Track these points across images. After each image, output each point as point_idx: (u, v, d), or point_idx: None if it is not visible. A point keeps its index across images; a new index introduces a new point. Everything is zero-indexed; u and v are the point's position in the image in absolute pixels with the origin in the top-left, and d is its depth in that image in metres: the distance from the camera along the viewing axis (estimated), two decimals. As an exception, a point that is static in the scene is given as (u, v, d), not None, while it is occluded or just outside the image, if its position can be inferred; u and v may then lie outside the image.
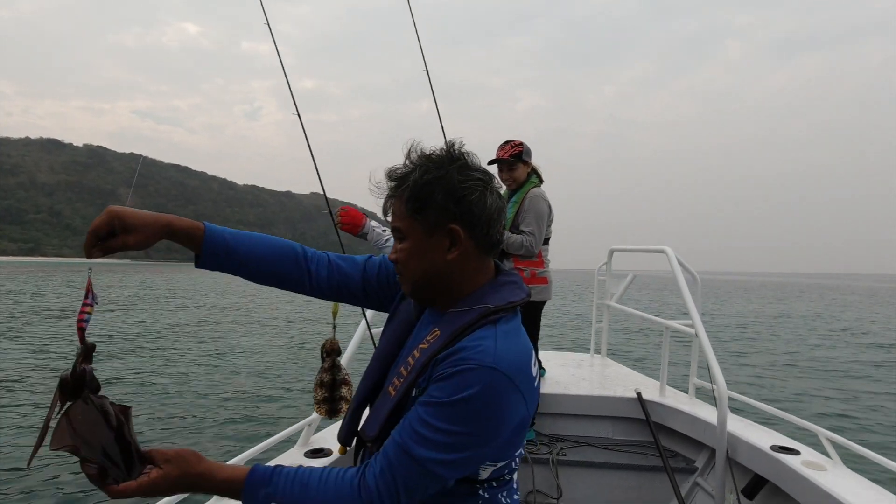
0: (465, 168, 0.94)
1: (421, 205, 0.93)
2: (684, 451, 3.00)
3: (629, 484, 3.02)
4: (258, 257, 1.06)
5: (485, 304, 0.93)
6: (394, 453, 0.87)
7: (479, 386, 0.84)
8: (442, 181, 0.92)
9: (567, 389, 3.27)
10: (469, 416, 0.85)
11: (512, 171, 2.91)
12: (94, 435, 0.80)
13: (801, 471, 2.15)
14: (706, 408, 2.98)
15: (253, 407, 7.78)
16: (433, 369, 0.90)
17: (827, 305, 34.75)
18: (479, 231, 0.94)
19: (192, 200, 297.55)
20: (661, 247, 3.25)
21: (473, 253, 0.95)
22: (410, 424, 0.88)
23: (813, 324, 21.07)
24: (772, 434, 2.57)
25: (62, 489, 4.68)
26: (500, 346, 0.88)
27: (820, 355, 13.62)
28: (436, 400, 0.86)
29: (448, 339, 0.91)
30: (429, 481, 0.88)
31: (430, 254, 0.95)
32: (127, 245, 0.92)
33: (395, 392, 0.95)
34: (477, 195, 0.93)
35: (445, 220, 0.93)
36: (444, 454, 0.86)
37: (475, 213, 0.93)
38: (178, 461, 0.85)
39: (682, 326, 3.04)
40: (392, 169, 0.97)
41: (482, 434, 0.86)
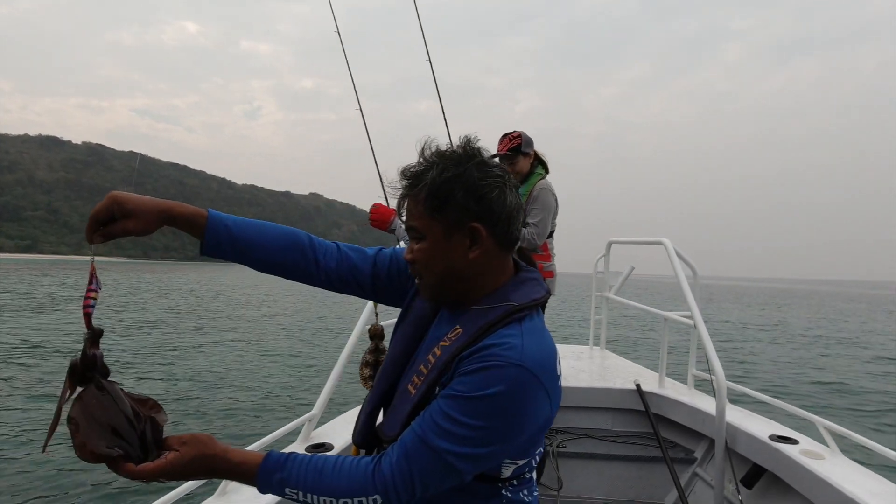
0: (484, 165, 0.93)
1: (440, 203, 0.91)
2: (683, 442, 3.01)
3: (629, 475, 3.03)
4: (262, 245, 1.04)
5: (509, 301, 0.92)
6: (412, 442, 0.87)
7: (506, 383, 0.83)
8: (461, 179, 0.90)
9: (566, 381, 3.28)
10: (493, 412, 0.84)
11: (513, 164, 2.87)
12: (109, 419, 0.79)
13: (800, 460, 2.16)
14: (705, 398, 3.00)
15: (253, 402, 7.78)
16: (457, 366, 0.88)
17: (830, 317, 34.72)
18: (500, 229, 0.93)
19: (191, 199, 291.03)
20: (660, 238, 3.27)
21: (495, 251, 0.94)
22: (431, 416, 0.87)
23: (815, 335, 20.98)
24: (770, 424, 2.58)
25: (68, 477, 4.69)
26: (527, 344, 0.87)
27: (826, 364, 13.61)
28: (459, 393, 0.85)
29: (472, 336, 0.89)
30: (445, 474, 0.87)
31: (451, 253, 0.93)
32: (127, 230, 0.91)
33: (416, 390, 0.94)
34: (497, 192, 0.92)
35: (466, 218, 0.91)
36: (463, 447, 0.84)
37: (496, 211, 0.92)
38: (194, 443, 0.85)
39: (680, 318, 3.05)
40: (406, 167, 0.95)
41: (504, 431, 0.85)
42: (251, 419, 6.96)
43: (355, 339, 2.45)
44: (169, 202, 0.97)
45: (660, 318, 3.28)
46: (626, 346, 11.71)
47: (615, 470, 3.07)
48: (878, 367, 13.06)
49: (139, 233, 0.93)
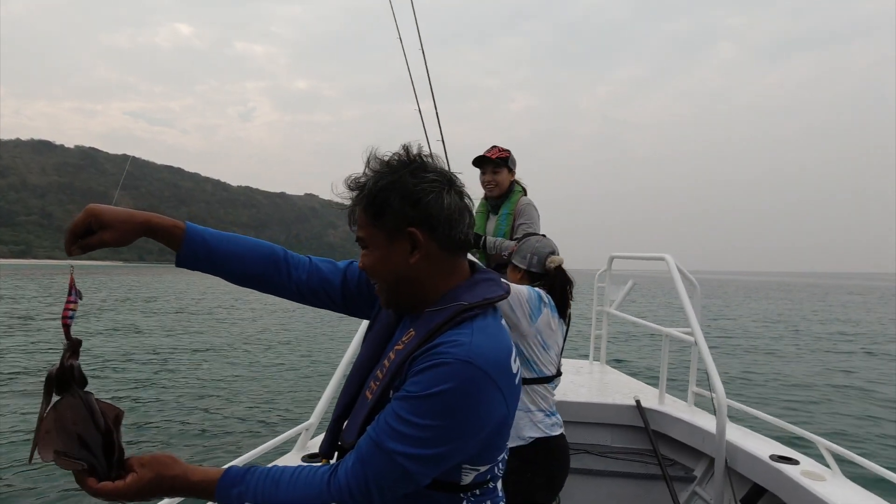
0: (420, 170, 0.93)
1: (378, 211, 0.93)
2: (683, 460, 2.99)
3: (627, 492, 3.02)
4: (238, 258, 1.06)
5: (459, 301, 0.92)
6: (366, 448, 0.87)
7: (454, 381, 0.83)
8: (396, 185, 0.92)
9: (566, 396, 3.26)
10: (443, 410, 0.83)
11: (496, 173, 2.86)
12: (80, 431, 0.80)
13: (801, 481, 2.14)
14: (705, 416, 2.98)
15: (249, 411, 7.74)
16: (409, 368, 0.89)
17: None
18: (440, 232, 0.93)
19: (186, 202, 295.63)
20: (661, 255, 3.25)
21: (438, 254, 0.94)
22: (385, 419, 0.87)
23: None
24: (771, 443, 2.57)
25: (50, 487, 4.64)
26: (477, 341, 0.86)
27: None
28: (410, 394, 0.85)
29: (423, 337, 0.90)
30: (400, 477, 0.86)
31: (394, 259, 0.94)
32: (104, 242, 0.93)
33: (372, 395, 0.95)
34: (433, 196, 0.92)
35: (403, 224, 0.92)
36: (416, 449, 0.84)
37: (433, 214, 0.92)
38: (153, 465, 0.85)
39: (681, 334, 3.04)
40: (352, 177, 0.97)
41: (457, 430, 0.85)
42: (247, 428, 6.92)
43: (354, 348, 2.43)
44: (147, 214, 0.99)
45: (660, 334, 3.27)
46: (627, 361, 11.66)
47: (613, 487, 3.05)
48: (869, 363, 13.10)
49: (116, 244, 0.95)
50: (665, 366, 3.25)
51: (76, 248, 0.92)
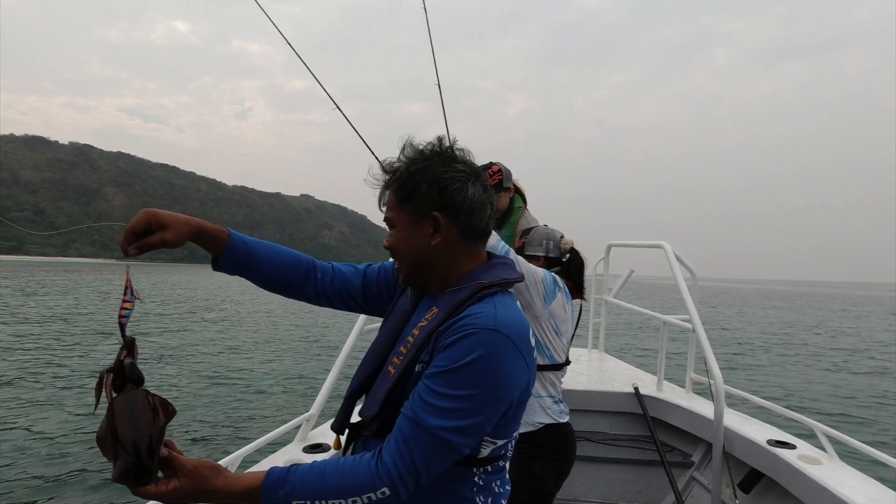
0: (450, 161, 1.00)
1: (408, 194, 0.99)
2: (681, 446, 3.01)
3: (627, 478, 3.03)
4: (271, 265, 1.13)
5: (479, 281, 0.98)
6: (408, 428, 0.88)
7: (484, 348, 0.87)
8: (426, 172, 0.99)
9: (565, 384, 3.25)
10: (477, 378, 0.87)
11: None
12: (131, 429, 0.80)
13: (797, 465, 2.17)
14: (703, 402, 3.00)
15: (251, 402, 7.71)
16: (436, 341, 0.93)
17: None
18: (461, 219, 1.00)
19: (180, 200, 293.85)
20: (659, 242, 3.27)
21: (457, 239, 1.01)
22: (420, 396, 0.89)
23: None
24: (768, 428, 2.59)
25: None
26: (500, 312, 0.92)
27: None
28: (442, 368, 0.88)
29: (447, 313, 0.95)
30: (445, 452, 0.89)
31: (417, 240, 1.00)
32: (165, 241, 0.97)
33: (395, 370, 0.98)
34: (459, 185, 0.98)
35: (429, 208, 0.99)
36: (456, 421, 0.87)
37: (457, 202, 0.99)
38: (195, 476, 0.85)
39: (679, 321, 3.05)
40: (387, 162, 1.04)
41: (492, 396, 0.88)
42: (248, 419, 6.90)
43: (354, 339, 2.44)
44: (197, 219, 1.04)
45: (658, 322, 3.28)
46: (625, 349, 11.68)
47: (613, 473, 3.07)
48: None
49: (173, 244, 0.98)
50: (663, 353, 3.26)
51: (133, 249, 0.94)
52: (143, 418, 0.81)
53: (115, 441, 0.79)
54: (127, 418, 0.80)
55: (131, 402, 0.82)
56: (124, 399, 0.82)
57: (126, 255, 0.93)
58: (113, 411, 0.81)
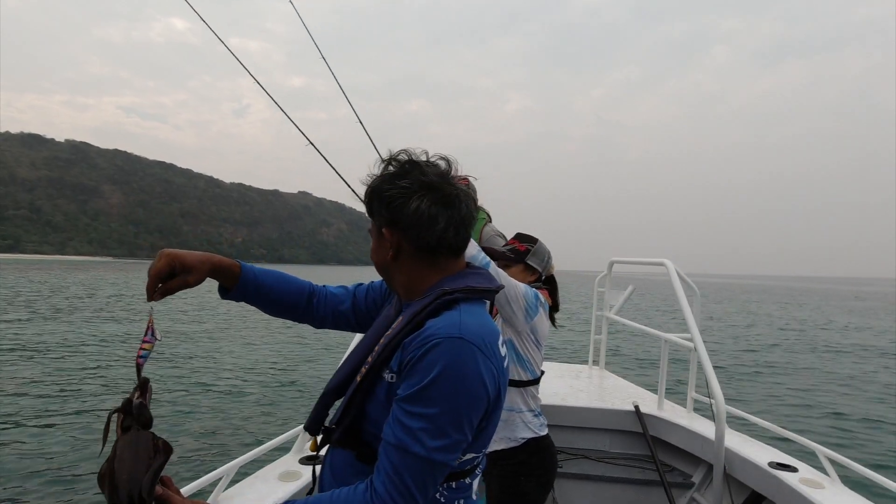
0: (395, 177, 1.00)
1: (369, 210, 1.05)
2: (681, 466, 2.99)
3: (626, 497, 3.02)
4: (276, 294, 1.18)
5: (441, 289, 0.99)
6: (395, 456, 0.88)
7: (449, 357, 0.88)
8: (375, 190, 1.02)
9: (564, 401, 3.25)
10: (449, 390, 0.87)
11: None
12: (127, 472, 0.81)
13: (799, 488, 2.15)
14: (704, 422, 2.98)
15: (247, 413, 7.68)
16: (402, 353, 0.93)
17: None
18: (411, 233, 0.99)
19: (177, 198, 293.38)
20: (661, 260, 3.24)
21: (414, 253, 1.01)
22: (400, 421, 0.89)
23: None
24: (770, 450, 2.57)
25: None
26: (465, 319, 0.92)
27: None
28: (415, 388, 0.88)
29: (408, 320, 0.96)
30: (436, 471, 0.90)
31: (381, 252, 1.04)
32: (187, 284, 1.02)
33: (360, 377, 0.99)
34: (401, 201, 0.99)
35: (380, 224, 1.03)
36: (439, 440, 0.87)
37: (402, 219, 0.99)
38: None
39: (680, 340, 3.03)
40: (367, 176, 1.07)
41: (465, 406, 0.89)
42: (244, 431, 6.87)
43: (351, 353, 2.41)
44: (212, 256, 1.08)
45: (659, 340, 3.26)
46: (626, 365, 11.62)
47: (611, 492, 3.05)
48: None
49: (195, 284, 1.03)
50: (664, 371, 3.24)
51: (158, 294, 0.98)
52: (143, 463, 0.81)
53: (111, 484, 0.80)
54: (127, 461, 0.81)
55: (134, 444, 0.83)
56: (128, 440, 0.83)
57: (150, 300, 0.96)
58: (115, 452, 0.82)
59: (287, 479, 2.02)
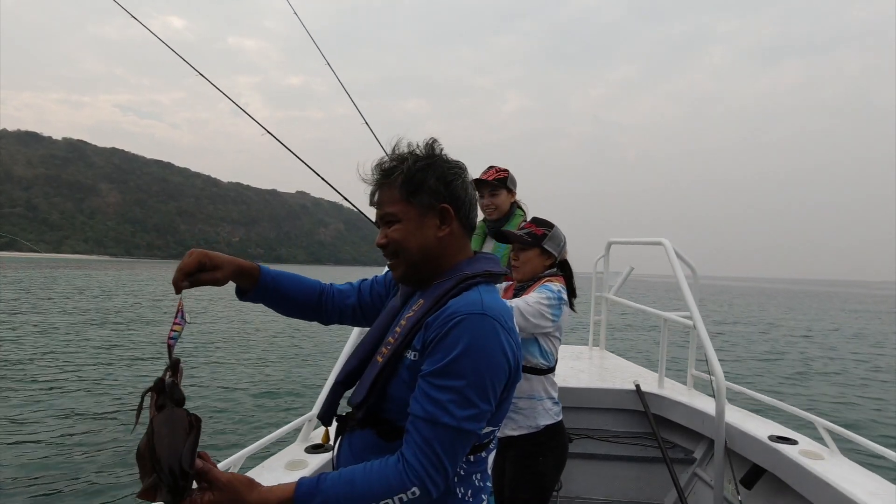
0: (447, 159, 1.08)
1: (416, 189, 1.04)
2: (683, 443, 3.02)
3: (629, 475, 3.04)
4: (291, 295, 1.22)
5: (464, 272, 1.04)
6: (425, 428, 0.91)
7: (473, 332, 0.92)
8: (433, 167, 1.05)
9: (566, 382, 3.27)
10: (474, 364, 0.92)
11: (494, 196, 2.62)
12: (167, 447, 0.82)
13: (799, 460, 2.17)
14: (704, 399, 3.01)
15: (252, 402, 7.69)
16: (425, 332, 0.97)
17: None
18: (463, 211, 1.08)
19: (175, 197, 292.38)
20: (659, 239, 3.27)
21: (459, 232, 1.08)
22: (428, 395, 0.92)
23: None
24: (770, 424, 2.60)
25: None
26: (486, 299, 0.98)
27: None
28: (440, 362, 0.92)
29: (432, 303, 1.00)
30: (465, 441, 0.94)
31: (425, 232, 1.05)
32: (216, 280, 1.06)
33: (383, 359, 1.02)
34: (461, 181, 1.07)
35: (437, 200, 1.05)
36: (467, 409, 0.91)
37: (460, 196, 1.07)
38: (229, 490, 0.87)
39: (680, 318, 3.06)
40: (381, 160, 1.08)
41: (490, 377, 0.93)
42: (249, 420, 6.88)
43: (354, 340, 2.43)
44: (238, 259, 1.12)
45: (659, 319, 3.29)
46: (626, 346, 11.65)
47: (615, 470, 3.07)
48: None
49: (222, 282, 1.07)
50: (664, 350, 3.27)
51: (186, 283, 1.01)
52: (180, 437, 0.83)
53: (153, 459, 0.81)
54: (166, 437, 0.82)
55: (170, 420, 0.84)
56: (164, 418, 0.84)
57: (178, 291, 0.99)
58: (153, 429, 0.83)
59: (294, 468, 2.03)
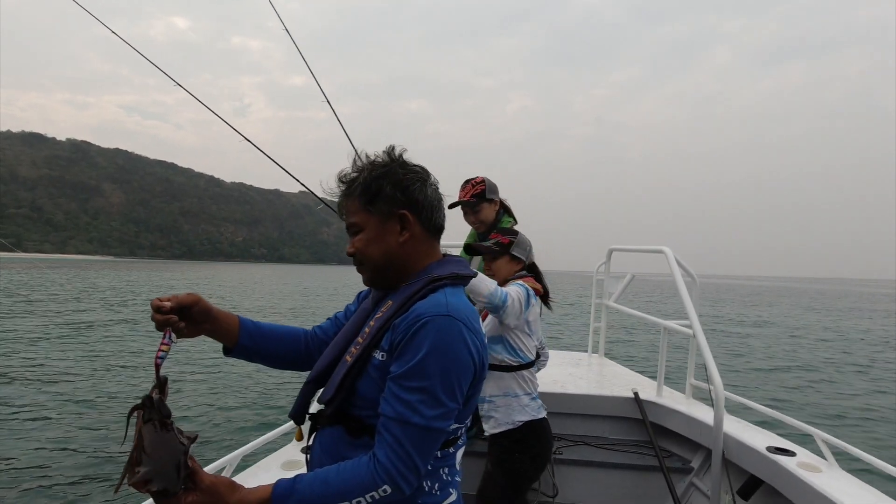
0: (406, 165, 1.10)
1: (373, 197, 1.07)
2: (680, 452, 3.00)
3: (625, 483, 3.03)
4: (276, 345, 1.21)
5: (431, 274, 1.07)
6: (395, 428, 0.94)
7: (438, 333, 0.95)
8: (389, 175, 1.07)
9: (564, 388, 3.27)
10: (441, 363, 0.95)
11: (477, 212, 2.62)
12: (158, 455, 0.87)
13: (797, 472, 2.16)
14: (703, 408, 3.00)
15: (245, 404, 7.70)
16: (392, 333, 1.00)
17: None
18: (424, 215, 1.09)
19: (178, 197, 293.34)
20: (660, 247, 3.25)
21: (422, 235, 1.10)
22: (397, 396, 0.95)
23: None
24: (768, 435, 2.58)
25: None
26: (451, 301, 1.01)
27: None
28: (409, 364, 0.95)
29: (400, 305, 1.03)
30: (434, 439, 0.97)
31: (386, 238, 1.08)
32: (203, 332, 1.11)
33: (352, 358, 1.05)
34: (419, 185, 1.09)
35: (395, 207, 1.07)
36: (437, 409, 0.95)
37: (419, 200, 1.09)
38: (211, 492, 0.90)
39: (679, 327, 3.04)
40: (342, 173, 1.11)
41: (456, 376, 0.97)
42: (242, 422, 6.88)
43: None
44: (224, 322, 1.14)
45: (659, 327, 3.27)
46: (625, 353, 11.62)
47: (611, 478, 3.06)
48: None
49: (186, 334, 1.07)
50: (663, 358, 3.26)
51: (170, 306, 1.01)
52: (171, 443, 0.88)
53: (141, 453, 0.86)
54: (157, 443, 0.87)
55: (158, 429, 0.88)
56: (151, 428, 0.88)
57: (157, 313, 1.00)
58: (141, 438, 0.87)
59: (289, 467, 2.05)
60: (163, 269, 79.31)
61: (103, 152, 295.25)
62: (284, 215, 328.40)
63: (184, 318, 1.03)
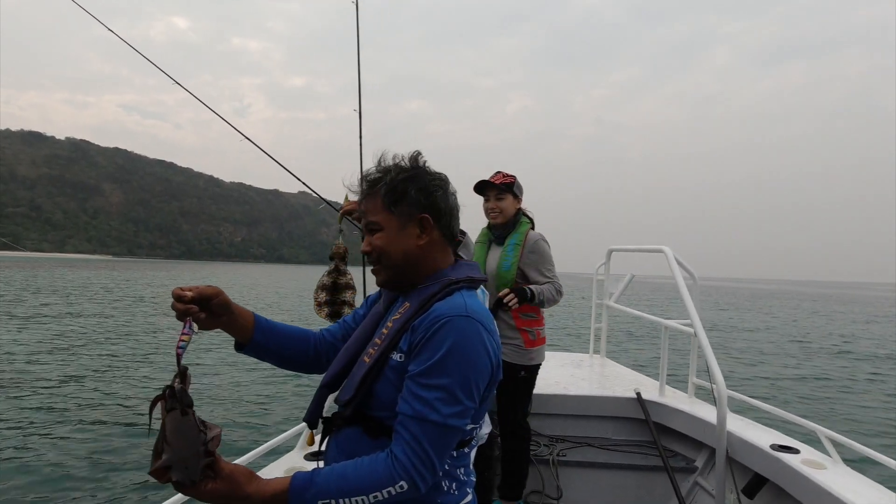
0: (429, 171, 1.14)
1: (398, 199, 1.09)
2: (684, 451, 3.00)
3: (629, 484, 3.02)
4: (288, 345, 1.22)
5: (448, 278, 1.09)
6: (413, 426, 0.95)
7: (458, 332, 0.97)
8: (415, 179, 1.10)
9: (566, 390, 3.26)
10: (459, 362, 0.96)
11: (500, 199, 2.66)
12: (179, 444, 0.88)
13: (801, 469, 2.15)
14: (706, 407, 2.99)
15: (252, 409, 7.68)
16: (411, 335, 1.01)
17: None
18: (444, 221, 1.12)
19: (177, 196, 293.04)
20: (660, 246, 3.24)
21: (439, 241, 1.12)
22: (415, 394, 0.96)
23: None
24: (771, 433, 2.58)
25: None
26: (469, 302, 1.03)
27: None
28: (429, 363, 0.96)
29: (418, 306, 1.05)
30: (451, 437, 0.98)
31: (405, 240, 1.09)
32: (218, 325, 1.10)
33: (370, 359, 1.06)
34: (441, 192, 1.12)
35: (417, 210, 1.09)
36: (454, 406, 0.96)
37: (440, 206, 1.11)
38: (230, 481, 0.91)
39: (680, 326, 3.04)
40: (367, 172, 1.13)
41: (475, 375, 0.98)
42: (249, 427, 6.86)
43: None
44: (241, 317, 1.13)
45: (660, 326, 3.27)
46: (626, 353, 11.63)
47: (615, 479, 3.06)
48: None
49: (207, 325, 1.08)
50: (665, 357, 3.25)
51: (191, 295, 1.01)
52: (192, 432, 0.89)
53: (164, 442, 0.87)
54: (178, 432, 0.88)
55: (180, 419, 0.89)
56: (174, 417, 0.89)
57: (179, 302, 1.00)
58: (165, 427, 0.88)
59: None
60: (162, 269, 79.19)
61: (103, 151, 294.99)
62: (284, 216, 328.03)
63: (203, 309, 1.03)
